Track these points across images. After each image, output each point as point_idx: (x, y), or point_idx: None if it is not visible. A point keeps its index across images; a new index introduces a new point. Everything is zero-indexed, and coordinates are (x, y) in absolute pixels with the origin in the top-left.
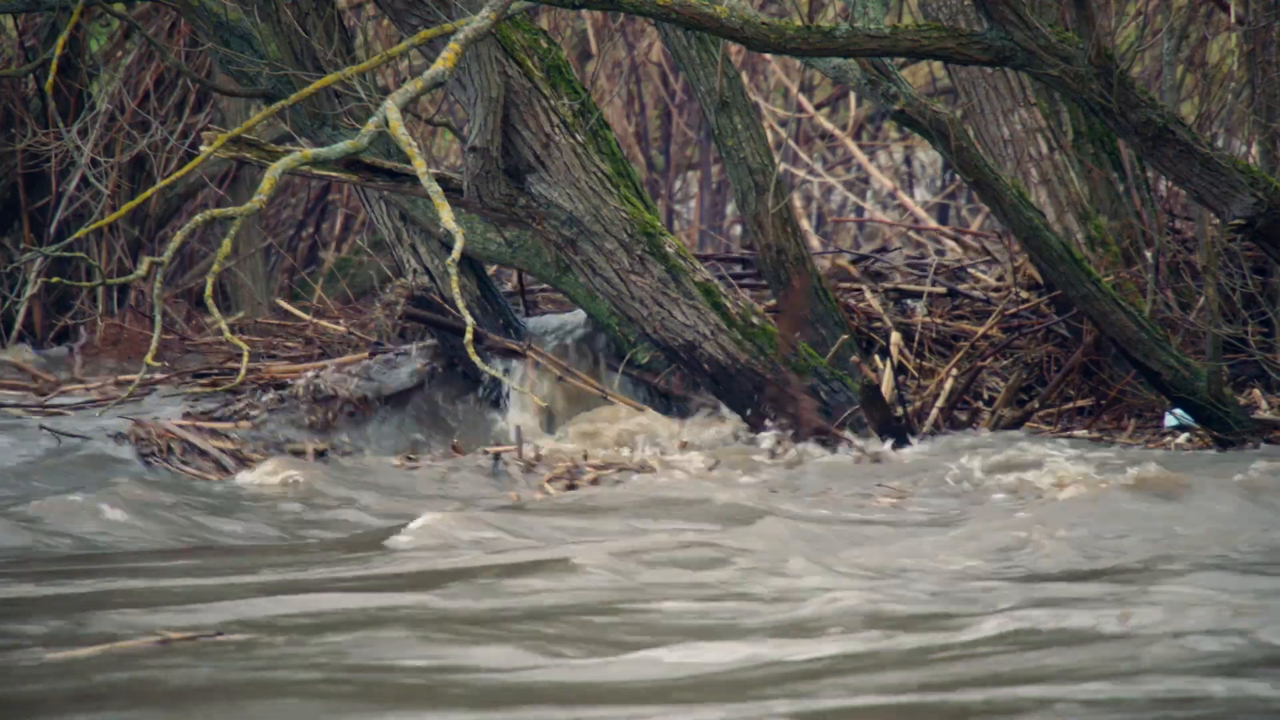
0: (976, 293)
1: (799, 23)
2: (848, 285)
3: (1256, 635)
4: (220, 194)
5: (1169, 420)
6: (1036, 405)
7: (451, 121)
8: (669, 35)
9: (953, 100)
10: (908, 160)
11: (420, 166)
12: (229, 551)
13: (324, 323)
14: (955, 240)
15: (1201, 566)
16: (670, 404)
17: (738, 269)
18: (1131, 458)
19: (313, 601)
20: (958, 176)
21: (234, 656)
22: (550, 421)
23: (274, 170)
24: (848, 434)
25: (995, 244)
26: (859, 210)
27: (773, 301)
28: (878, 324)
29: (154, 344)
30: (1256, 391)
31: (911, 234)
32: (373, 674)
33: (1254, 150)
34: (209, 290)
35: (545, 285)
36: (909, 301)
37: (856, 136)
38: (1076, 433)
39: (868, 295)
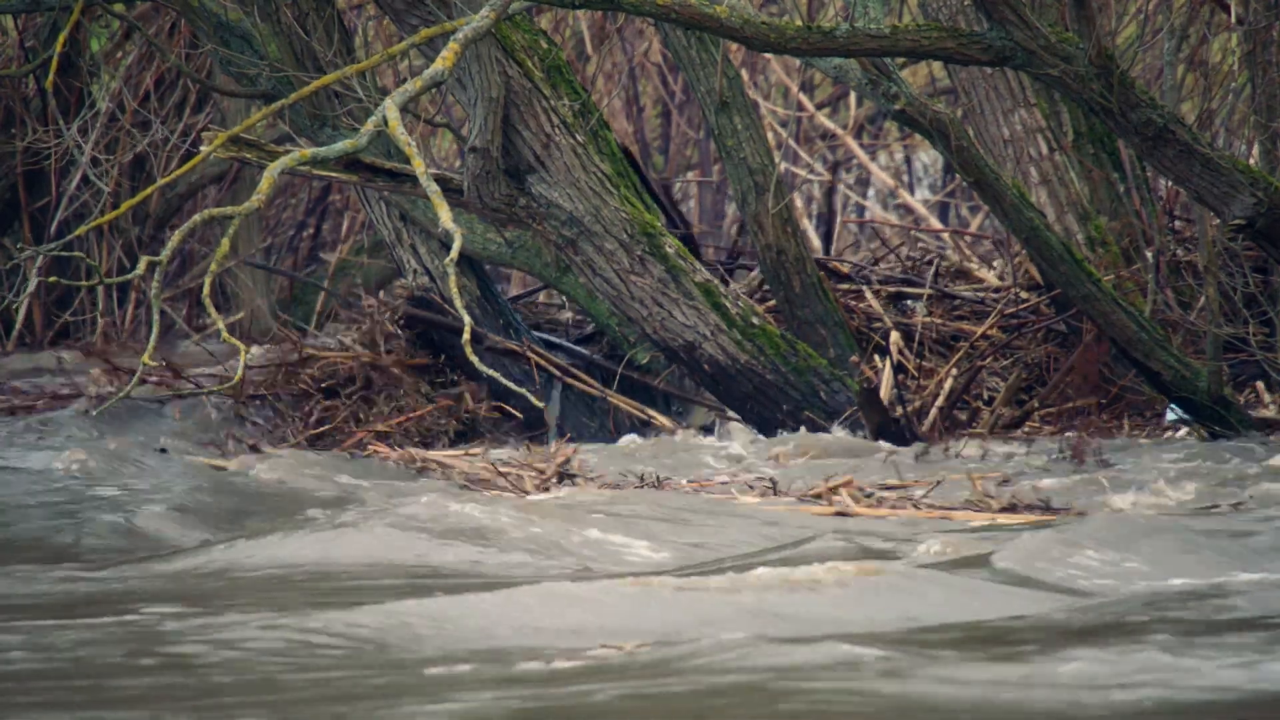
0: (969, 293)
1: (799, 23)
2: (847, 286)
3: None
4: (220, 195)
5: (1169, 415)
6: (1036, 405)
7: (451, 122)
8: (669, 35)
9: (953, 100)
10: (908, 160)
11: (419, 167)
12: None
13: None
14: (954, 240)
15: None
16: (670, 405)
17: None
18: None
19: None
20: (958, 176)
21: None
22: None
23: (272, 170)
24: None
25: (992, 246)
26: (860, 210)
27: (772, 302)
28: (878, 324)
29: (151, 343)
30: (1260, 384)
31: (913, 233)
32: None
33: (1254, 150)
34: (207, 289)
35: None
36: (909, 301)
37: (857, 136)
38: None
39: (868, 295)
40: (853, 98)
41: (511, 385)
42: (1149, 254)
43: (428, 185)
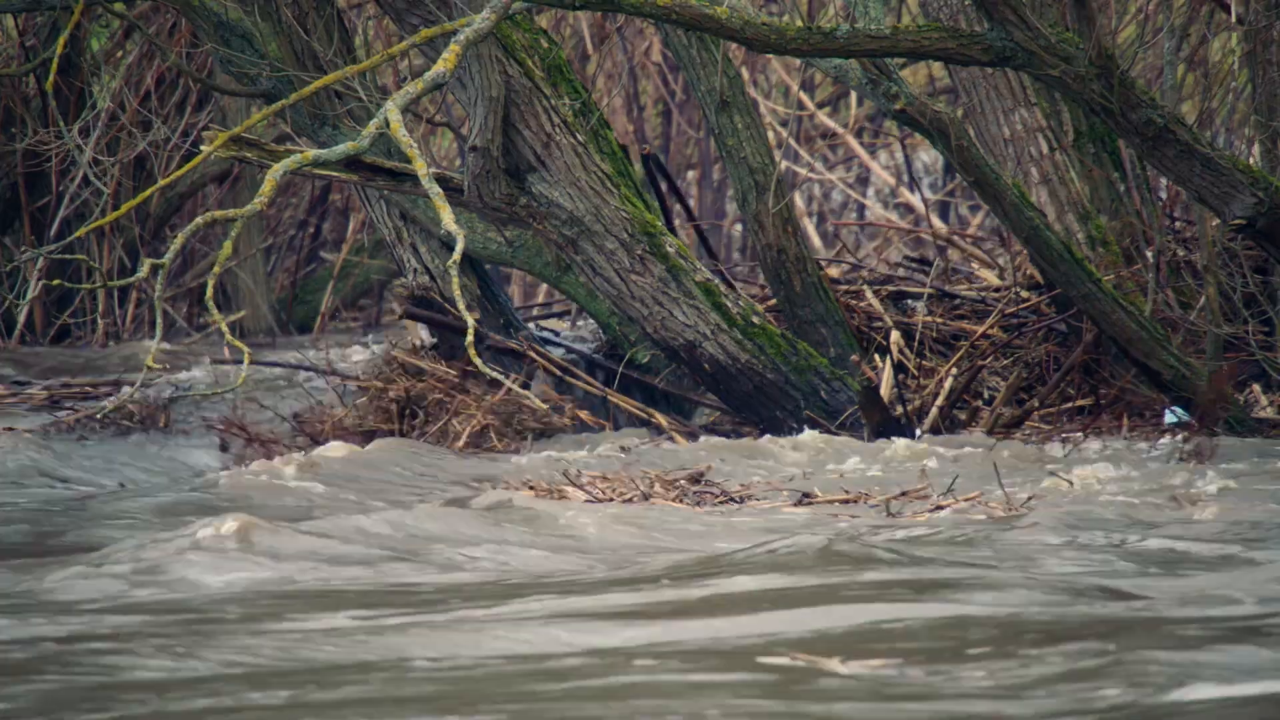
0: (970, 293)
1: (799, 23)
2: (848, 287)
3: None
4: (221, 194)
5: (1169, 416)
6: (1036, 404)
7: (451, 121)
8: (669, 35)
9: (953, 100)
10: (908, 160)
11: (421, 168)
12: None
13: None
14: (952, 241)
15: None
16: (671, 404)
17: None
18: None
19: None
20: (958, 176)
21: None
22: None
23: (275, 171)
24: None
25: (989, 244)
26: (860, 209)
27: (772, 301)
28: (878, 323)
29: (154, 346)
30: (1256, 386)
31: (914, 234)
32: None
33: (1255, 150)
34: (209, 293)
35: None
36: (909, 301)
37: (858, 135)
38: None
39: (868, 295)
40: (853, 96)
41: (514, 387)
42: (1149, 254)
43: (430, 188)
